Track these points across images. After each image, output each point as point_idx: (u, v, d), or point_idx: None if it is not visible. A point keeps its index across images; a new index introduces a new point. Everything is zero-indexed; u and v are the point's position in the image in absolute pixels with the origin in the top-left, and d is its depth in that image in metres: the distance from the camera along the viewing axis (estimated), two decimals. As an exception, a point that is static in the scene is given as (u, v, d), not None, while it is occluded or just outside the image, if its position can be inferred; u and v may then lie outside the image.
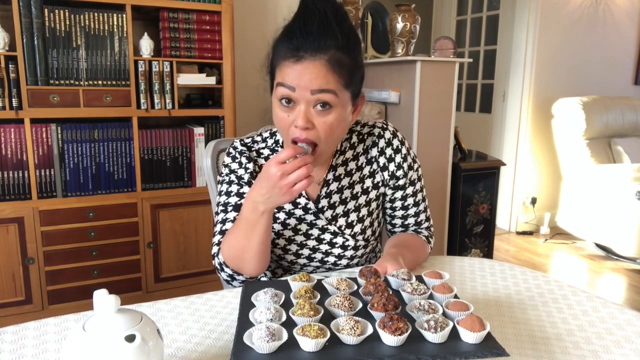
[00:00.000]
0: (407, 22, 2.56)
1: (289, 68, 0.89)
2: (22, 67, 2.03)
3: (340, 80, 0.90)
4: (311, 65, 0.88)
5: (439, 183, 2.66)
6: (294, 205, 1.05)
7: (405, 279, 0.86)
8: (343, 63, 0.90)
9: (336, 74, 0.89)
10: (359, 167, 1.09)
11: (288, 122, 0.92)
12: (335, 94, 0.90)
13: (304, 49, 0.88)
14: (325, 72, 0.88)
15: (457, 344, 0.67)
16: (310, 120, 0.90)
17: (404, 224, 1.15)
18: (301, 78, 0.88)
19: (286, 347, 0.65)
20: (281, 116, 0.93)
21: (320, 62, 0.88)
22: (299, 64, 0.88)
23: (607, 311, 0.89)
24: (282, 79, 0.91)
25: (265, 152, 1.10)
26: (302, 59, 0.88)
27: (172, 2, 2.24)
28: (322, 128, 0.91)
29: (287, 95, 0.90)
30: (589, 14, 3.97)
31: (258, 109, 2.97)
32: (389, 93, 2.67)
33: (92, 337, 0.56)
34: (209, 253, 2.55)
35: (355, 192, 1.08)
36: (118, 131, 2.25)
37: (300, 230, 1.05)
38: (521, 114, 3.89)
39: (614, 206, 3.33)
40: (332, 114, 0.91)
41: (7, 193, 2.10)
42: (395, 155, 1.09)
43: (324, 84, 0.88)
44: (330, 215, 1.06)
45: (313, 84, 0.88)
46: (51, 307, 2.22)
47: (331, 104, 0.90)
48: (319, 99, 0.89)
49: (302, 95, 0.89)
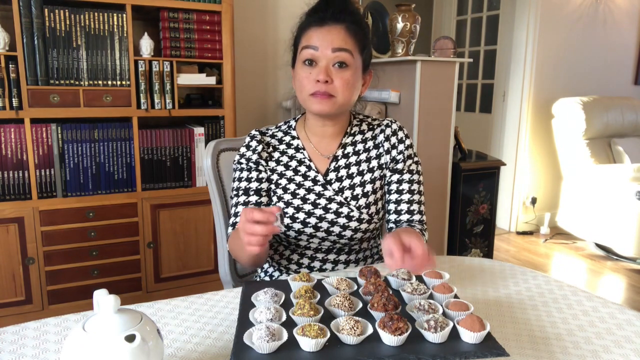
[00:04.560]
0: (407, 22, 2.56)
1: (314, 31, 1.08)
2: (23, 67, 2.03)
3: (357, 45, 1.08)
4: (333, 29, 1.07)
5: (439, 183, 2.66)
6: (304, 177, 1.15)
7: (405, 279, 0.86)
8: (357, 33, 1.09)
9: (353, 38, 1.08)
10: (366, 149, 1.19)
11: (310, 79, 1.07)
12: (351, 54, 1.07)
13: (327, 17, 1.07)
14: (344, 35, 1.07)
15: (457, 344, 0.67)
16: (330, 76, 1.06)
17: (397, 219, 1.16)
18: (324, 38, 1.06)
19: (286, 347, 0.65)
20: (304, 75, 1.08)
21: (340, 26, 1.07)
22: (323, 28, 1.07)
23: (607, 311, 0.89)
24: (308, 41, 1.08)
25: (279, 134, 1.21)
26: (325, 23, 1.07)
27: (172, 2, 2.24)
28: (340, 83, 1.06)
29: (310, 55, 1.07)
30: (589, 14, 3.97)
31: (258, 109, 2.97)
32: (389, 93, 2.67)
33: (92, 337, 0.56)
34: (209, 253, 2.57)
35: (362, 170, 1.17)
36: (118, 131, 2.25)
37: (308, 199, 1.13)
38: (521, 114, 3.89)
39: (614, 206, 3.33)
40: (348, 71, 1.07)
41: (7, 193, 2.10)
42: (399, 144, 1.18)
43: (343, 43, 1.06)
44: (337, 187, 1.15)
45: (334, 43, 1.06)
46: (51, 307, 2.22)
47: (347, 63, 1.07)
48: (338, 56, 1.06)
49: (324, 53, 1.06)
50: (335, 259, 1.15)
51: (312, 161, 1.17)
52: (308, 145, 1.19)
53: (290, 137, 1.21)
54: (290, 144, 1.20)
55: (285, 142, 1.20)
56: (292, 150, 1.19)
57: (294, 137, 1.20)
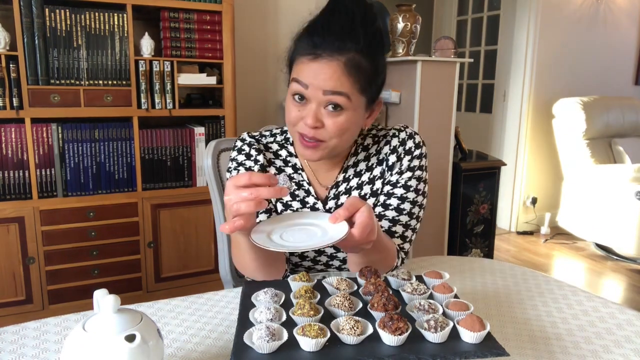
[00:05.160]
0: (407, 22, 2.56)
1: (305, 65, 0.88)
2: (23, 67, 2.03)
3: (356, 85, 0.89)
4: (327, 66, 0.87)
5: (439, 183, 2.66)
6: (302, 203, 1.04)
7: (405, 279, 0.86)
8: (361, 67, 0.88)
9: (352, 78, 0.88)
10: (369, 167, 1.05)
11: (298, 117, 0.91)
12: (347, 97, 0.88)
13: (322, 47, 0.87)
14: (340, 74, 0.87)
15: (457, 343, 0.67)
16: (320, 120, 0.89)
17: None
18: (315, 77, 0.87)
19: (286, 347, 0.65)
20: (292, 111, 0.92)
21: (337, 63, 0.86)
22: (315, 63, 0.87)
23: (607, 311, 0.89)
24: (297, 75, 0.90)
25: (274, 146, 1.07)
26: (319, 57, 0.87)
27: (172, 2, 2.24)
28: (332, 128, 0.90)
29: (300, 91, 0.89)
30: (589, 15, 3.97)
31: (258, 109, 2.97)
32: (390, 93, 2.67)
33: (92, 337, 0.56)
34: (210, 253, 2.56)
35: (364, 194, 1.04)
36: (119, 131, 2.25)
37: None
38: (522, 114, 3.89)
39: (615, 206, 3.33)
40: (342, 115, 0.89)
41: (8, 193, 2.10)
42: (405, 155, 1.02)
43: (337, 85, 0.87)
44: None
45: (326, 85, 0.87)
46: (51, 307, 2.22)
47: (342, 107, 0.89)
48: (330, 100, 0.88)
49: (314, 94, 0.88)
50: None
51: (312, 185, 1.04)
52: (307, 166, 1.05)
53: (287, 153, 1.07)
54: (287, 161, 1.06)
55: (282, 157, 1.07)
56: (290, 169, 1.05)
57: (291, 154, 1.07)
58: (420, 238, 2.66)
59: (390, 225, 1.00)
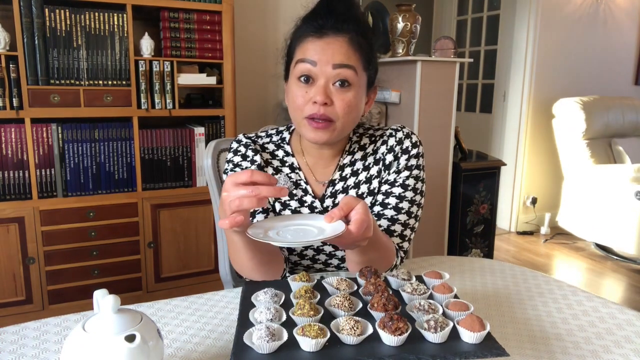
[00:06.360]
0: (407, 22, 2.56)
1: (312, 43, 0.92)
2: (23, 67, 2.03)
3: (360, 60, 0.93)
4: (334, 41, 0.91)
5: (439, 183, 2.66)
6: (300, 203, 1.04)
7: (405, 279, 0.86)
8: (362, 45, 0.93)
9: (357, 53, 0.92)
10: (366, 167, 1.05)
11: (305, 99, 0.92)
12: (355, 71, 0.91)
13: (327, 27, 0.91)
14: (347, 48, 0.91)
15: (457, 344, 0.67)
16: (329, 97, 0.91)
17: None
18: (324, 52, 0.90)
19: (286, 347, 0.65)
20: (298, 94, 0.93)
21: (342, 38, 0.91)
22: (322, 40, 0.91)
23: (607, 311, 0.89)
24: (304, 54, 0.92)
25: (271, 147, 1.08)
26: (325, 35, 0.91)
27: (172, 2, 2.24)
28: (340, 105, 0.91)
29: (307, 71, 0.91)
30: (589, 14, 3.97)
31: (258, 109, 2.97)
32: (390, 93, 2.66)
33: (92, 337, 0.56)
34: (210, 253, 2.56)
35: (361, 193, 1.04)
36: (118, 131, 2.25)
37: None
38: (521, 114, 3.89)
39: (615, 206, 3.33)
40: (350, 92, 0.92)
41: (8, 193, 2.10)
42: (402, 154, 1.03)
43: (345, 59, 0.90)
44: None
45: (335, 58, 0.90)
46: (51, 307, 2.22)
47: (350, 82, 0.91)
48: (339, 74, 0.90)
49: (323, 70, 0.90)
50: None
51: (309, 184, 1.04)
52: (304, 165, 1.05)
53: (283, 153, 1.07)
54: (284, 161, 1.06)
55: (279, 157, 1.06)
56: (287, 169, 1.05)
57: (288, 154, 1.07)
58: (420, 238, 2.66)
59: (389, 225, 1.00)
